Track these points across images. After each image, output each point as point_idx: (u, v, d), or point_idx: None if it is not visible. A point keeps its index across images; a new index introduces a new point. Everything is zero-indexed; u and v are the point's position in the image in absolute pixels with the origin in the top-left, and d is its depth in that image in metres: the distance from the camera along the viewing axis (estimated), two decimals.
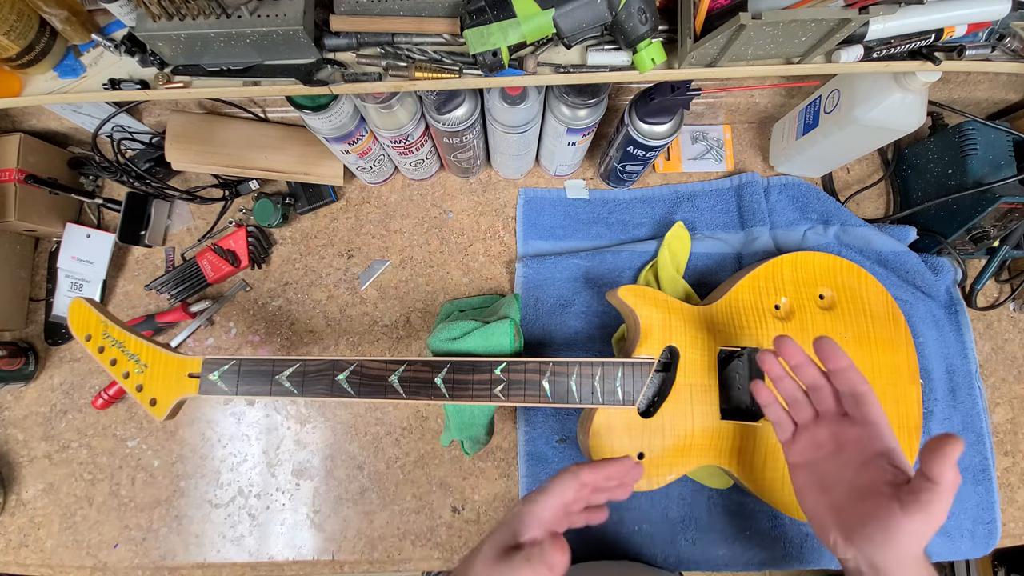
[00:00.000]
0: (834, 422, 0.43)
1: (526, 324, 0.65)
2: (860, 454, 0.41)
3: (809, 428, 0.45)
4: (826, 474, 0.43)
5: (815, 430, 0.44)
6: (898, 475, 0.38)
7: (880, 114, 0.54)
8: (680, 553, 0.60)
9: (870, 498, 0.38)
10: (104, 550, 0.63)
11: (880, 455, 0.40)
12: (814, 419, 0.45)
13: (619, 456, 0.42)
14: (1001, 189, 0.58)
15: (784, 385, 0.46)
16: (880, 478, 0.39)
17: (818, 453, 0.44)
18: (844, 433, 0.42)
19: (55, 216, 0.67)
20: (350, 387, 0.49)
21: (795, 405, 0.46)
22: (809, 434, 0.45)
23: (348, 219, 0.70)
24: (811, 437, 0.44)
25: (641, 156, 0.59)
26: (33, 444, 0.65)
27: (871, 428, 0.41)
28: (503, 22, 0.38)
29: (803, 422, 0.45)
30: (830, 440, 0.43)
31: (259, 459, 0.65)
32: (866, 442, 0.41)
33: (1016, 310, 0.69)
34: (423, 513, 0.63)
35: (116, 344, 0.51)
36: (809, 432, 0.45)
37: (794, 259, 0.58)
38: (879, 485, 0.38)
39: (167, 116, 0.65)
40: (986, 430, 0.63)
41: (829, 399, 0.44)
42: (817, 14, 0.38)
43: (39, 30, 0.43)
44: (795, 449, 0.45)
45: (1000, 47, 0.46)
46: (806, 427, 0.45)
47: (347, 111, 0.53)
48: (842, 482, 0.41)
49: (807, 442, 0.45)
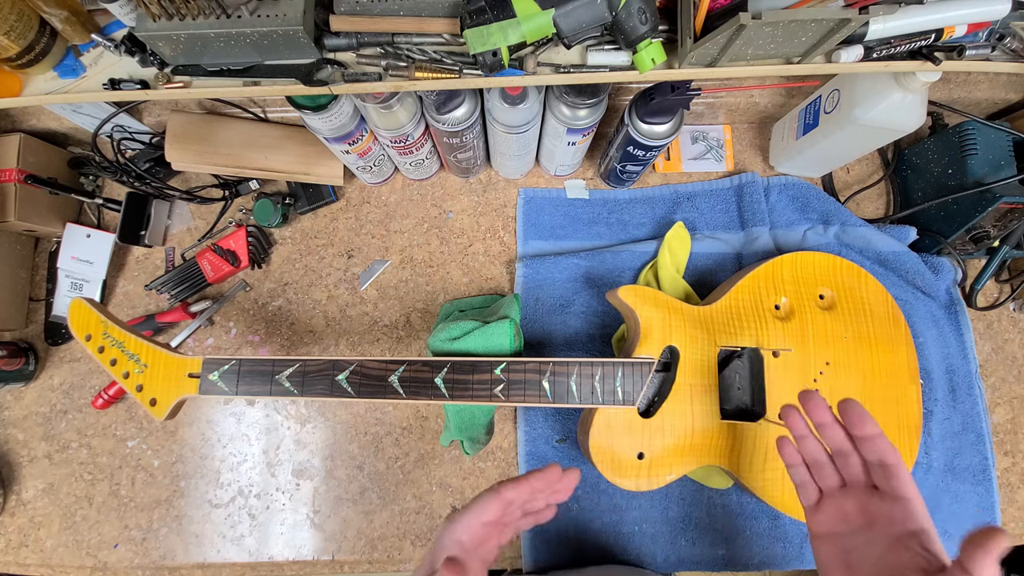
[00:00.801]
0: (863, 493, 0.40)
1: (526, 324, 0.65)
2: (890, 532, 0.37)
3: (835, 497, 0.41)
4: (852, 550, 0.39)
5: (842, 500, 0.41)
6: (931, 561, 0.35)
7: (880, 114, 0.54)
8: (680, 553, 0.60)
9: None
10: (104, 550, 0.63)
11: (912, 535, 0.36)
12: (840, 487, 0.41)
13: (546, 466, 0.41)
14: (1001, 189, 0.58)
15: (808, 445, 0.43)
16: (911, 563, 0.35)
17: (845, 527, 0.40)
18: (874, 507, 0.39)
19: (55, 216, 0.67)
20: (350, 387, 0.49)
21: (819, 468, 0.42)
22: (836, 504, 0.41)
23: (348, 219, 0.70)
24: (838, 508, 0.41)
25: (641, 156, 0.59)
26: (33, 444, 0.65)
27: (903, 504, 0.37)
28: (503, 22, 0.38)
29: (828, 489, 0.42)
30: (858, 513, 0.40)
31: (259, 459, 0.65)
32: (897, 520, 0.37)
33: (1016, 310, 0.69)
34: (423, 513, 0.63)
35: (116, 344, 0.51)
36: (836, 502, 0.41)
37: (794, 259, 0.58)
38: (910, 571, 0.35)
39: (167, 116, 0.65)
40: (986, 430, 0.63)
41: (857, 468, 0.40)
42: (817, 14, 0.38)
43: (39, 30, 0.43)
44: (820, 519, 0.42)
45: (1000, 47, 0.46)
46: (832, 496, 0.41)
47: (347, 111, 0.53)
48: (869, 560, 0.38)
49: (833, 513, 0.41)
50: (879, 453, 0.39)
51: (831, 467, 0.42)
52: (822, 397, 0.42)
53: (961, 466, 0.63)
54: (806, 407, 0.42)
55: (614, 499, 0.62)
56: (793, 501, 0.52)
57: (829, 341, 0.56)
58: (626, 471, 0.51)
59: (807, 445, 0.43)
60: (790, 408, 0.43)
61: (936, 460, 0.62)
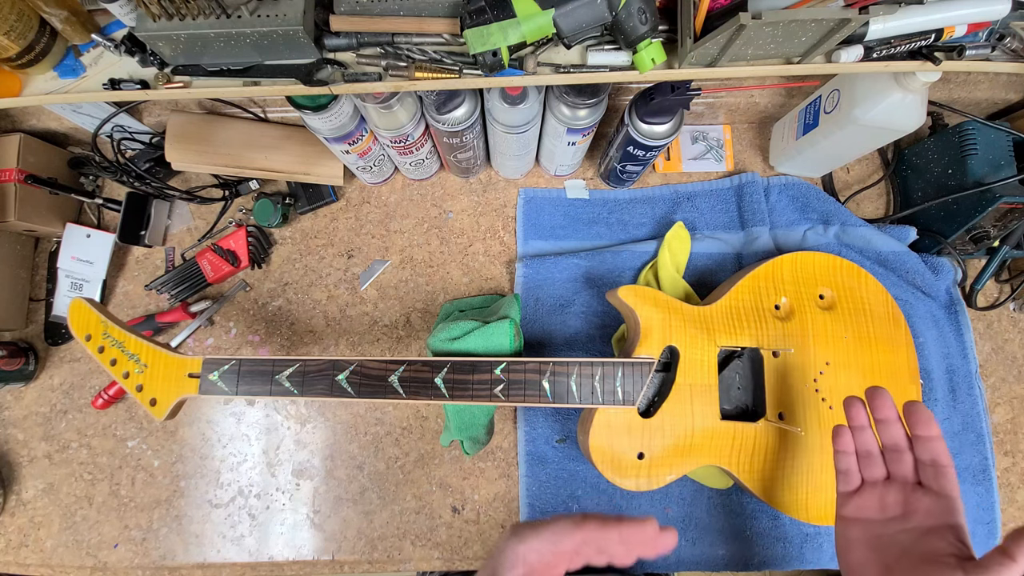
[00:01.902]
0: (907, 488, 0.41)
1: (526, 324, 0.65)
2: (927, 524, 0.39)
3: (877, 487, 0.42)
4: (883, 536, 0.40)
5: (884, 491, 0.42)
6: (963, 550, 0.37)
7: (880, 114, 0.54)
8: (680, 553, 0.60)
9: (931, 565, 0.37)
10: (104, 550, 0.63)
11: (949, 528, 0.38)
12: (884, 479, 0.43)
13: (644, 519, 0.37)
14: (1001, 189, 0.58)
15: (864, 437, 0.44)
16: (945, 549, 0.37)
17: (880, 515, 0.41)
18: (916, 501, 0.40)
19: (55, 216, 0.67)
20: (350, 387, 0.49)
21: (868, 459, 0.43)
22: (876, 494, 0.42)
23: (348, 219, 0.70)
24: (878, 497, 0.42)
25: (641, 156, 0.59)
26: (33, 444, 0.65)
27: (947, 502, 0.39)
28: (503, 22, 0.38)
29: (872, 479, 0.43)
30: (898, 505, 0.41)
31: (259, 459, 0.65)
32: (936, 514, 0.39)
33: (1016, 310, 0.69)
34: (423, 513, 0.63)
35: (116, 344, 0.51)
36: (877, 492, 0.42)
37: (794, 259, 0.58)
38: (944, 555, 0.37)
39: (167, 116, 0.65)
40: (986, 430, 0.63)
41: (908, 465, 0.41)
42: (817, 14, 0.38)
43: (39, 30, 0.43)
44: (856, 504, 0.43)
45: (1000, 47, 0.46)
46: (874, 485, 0.43)
47: (347, 111, 0.53)
48: (898, 545, 0.39)
49: (872, 501, 0.42)
50: (934, 454, 0.40)
51: (880, 460, 0.43)
52: (889, 394, 0.43)
53: (961, 466, 0.63)
54: (874, 402, 0.43)
55: (614, 499, 0.62)
56: (793, 501, 0.52)
57: (829, 341, 0.56)
58: (626, 471, 0.51)
59: (862, 436, 0.44)
60: (855, 399, 0.44)
61: None
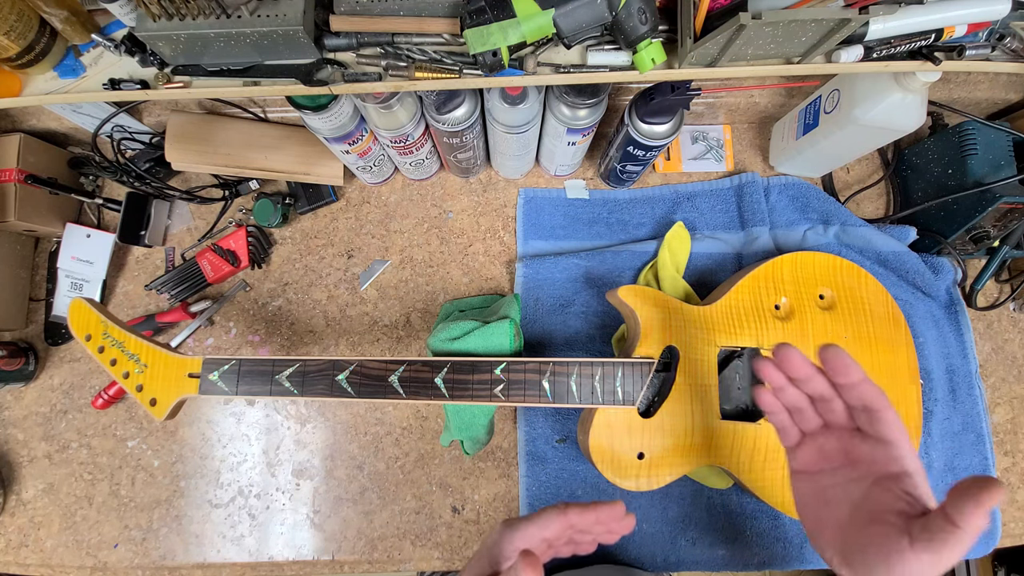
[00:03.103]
0: (845, 434, 0.39)
1: (526, 324, 0.65)
2: (872, 473, 0.37)
3: (817, 437, 0.40)
4: (830, 487, 0.39)
5: (823, 440, 0.40)
6: (913, 505, 0.34)
7: (880, 114, 0.54)
8: (680, 553, 0.60)
9: (877, 524, 0.34)
10: (104, 550, 0.63)
11: (894, 478, 0.36)
12: (822, 428, 0.40)
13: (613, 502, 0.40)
14: (1001, 189, 0.58)
15: (787, 395, 0.41)
16: (891, 504, 0.35)
17: (824, 464, 0.40)
18: (855, 448, 0.38)
19: (55, 216, 0.67)
20: (350, 387, 0.49)
21: (800, 413, 0.41)
22: (816, 443, 0.40)
23: (348, 219, 0.70)
24: (818, 447, 0.40)
25: (641, 156, 0.59)
26: (33, 444, 0.65)
27: (888, 448, 0.36)
28: (503, 22, 0.38)
29: (809, 431, 0.41)
30: (839, 453, 0.39)
31: (259, 459, 0.65)
32: (881, 462, 0.36)
33: (1016, 310, 0.69)
34: (423, 513, 0.63)
35: (116, 344, 0.51)
36: (816, 441, 0.40)
37: (794, 259, 0.58)
38: (889, 513, 0.34)
39: (167, 116, 0.65)
40: (986, 430, 0.63)
41: (839, 411, 0.39)
42: (817, 14, 0.38)
43: (39, 30, 0.43)
44: (799, 457, 0.41)
45: (1000, 47, 0.46)
46: (813, 436, 0.41)
47: (347, 111, 0.53)
48: (848, 499, 0.37)
49: (813, 451, 0.40)
50: (863, 399, 0.37)
51: (811, 411, 0.41)
52: (796, 349, 0.39)
53: (961, 466, 0.63)
54: (782, 363, 0.40)
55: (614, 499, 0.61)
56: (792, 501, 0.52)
57: (829, 341, 0.55)
58: (626, 471, 0.51)
59: (787, 395, 0.41)
60: (765, 361, 0.41)
61: (936, 460, 0.62)
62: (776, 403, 0.42)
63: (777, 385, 0.41)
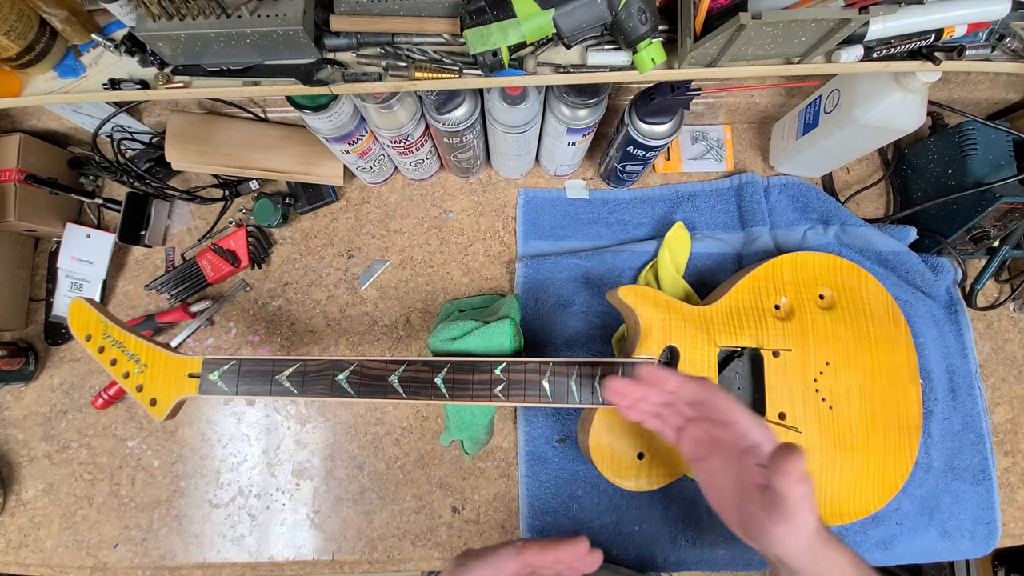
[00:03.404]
0: (704, 422, 0.43)
1: (526, 324, 0.65)
2: (734, 451, 0.40)
3: (687, 430, 0.44)
4: (717, 472, 0.42)
5: (692, 431, 0.43)
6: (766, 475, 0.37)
7: (880, 114, 0.54)
8: (680, 553, 0.60)
9: (747, 502, 0.38)
10: (104, 550, 0.63)
11: (746, 453, 0.39)
12: (688, 421, 0.44)
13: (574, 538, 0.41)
14: (1001, 189, 0.58)
15: (640, 409, 0.45)
16: (751, 480, 0.38)
17: (701, 450, 0.43)
18: (715, 432, 0.42)
19: (55, 216, 0.67)
20: (350, 387, 0.49)
21: (662, 418, 0.45)
22: (688, 435, 0.44)
23: (348, 219, 0.70)
24: (691, 438, 0.44)
25: (641, 156, 0.59)
26: (33, 444, 0.65)
27: (732, 427, 0.40)
28: (503, 22, 0.38)
29: (678, 426, 0.44)
30: (707, 439, 0.42)
31: (259, 459, 0.65)
32: (733, 441, 0.40)
33: (1016, 310, 0.69)
34: (423, 513, 0.63)
35: (116, 344, 0.51)
36: (687, 433, 0.44)
37: (794, 259, 0.58)
38: (752, 490, 0.38)
39: (167, 116, 0.65)
40: (986, 430, 0.63)
41: (684, 408, 0.43)
42: (817, 14, 0.38)
43: (39, 30, 0.43)
44: (682, 449, 0.44)
45: (1000, 47, 0.46)
46: (684, 429, 0.44)
47: (347, 111, 0.53)
48: (730, 480, 0.41)
49: (690, 442, 0.44)
50: (689, 396, 0.42)
51: (669, 413, 0.44)
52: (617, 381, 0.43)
53: (961, 466, 0.63)
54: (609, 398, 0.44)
55: (614, 499, 0.62)
56: None
57: (829, 341, 0.56)
58: (626, 471, 0.51)
59: (639, 408, 0.45)
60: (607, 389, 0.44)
61: (936, 460, 0.62)
62: (640, 414, 0.45)
63: (624, 406, 0.45)
